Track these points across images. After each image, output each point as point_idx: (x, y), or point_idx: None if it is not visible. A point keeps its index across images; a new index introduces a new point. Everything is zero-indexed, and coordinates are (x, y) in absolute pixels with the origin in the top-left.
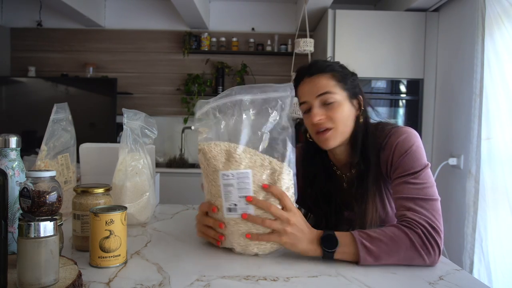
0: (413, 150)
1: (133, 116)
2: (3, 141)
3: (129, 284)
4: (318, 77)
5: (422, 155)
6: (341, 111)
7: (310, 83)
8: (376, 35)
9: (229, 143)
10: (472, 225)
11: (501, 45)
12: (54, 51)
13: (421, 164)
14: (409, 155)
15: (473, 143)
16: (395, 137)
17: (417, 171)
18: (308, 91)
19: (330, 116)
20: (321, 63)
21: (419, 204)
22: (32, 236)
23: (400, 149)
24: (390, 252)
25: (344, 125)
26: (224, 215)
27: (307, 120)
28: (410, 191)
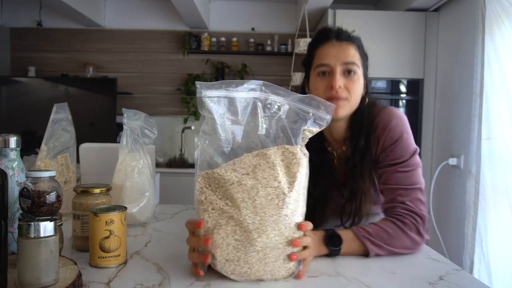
0: (404, 138)
1: (133, 116)
2: (3, 141)
3: (129, 284)
4: (347, 45)
5: (411, 142)
6: (358, 85)
7: (339, 47)
8: (376, 35)
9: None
10: (472, 225)
11: (501, 45)
12: (54, 51)
13: (410, 152)
14: (400, 143)
15: (473, 143)
16: (385, 122)
17: (406, 159)
18: (335, 55)
19: (348, 87)
20: (349, 32)
21: (407, 194)
22: (32, 236)
23: (392, 136)
24: (390, 242)
25: (356, 100)
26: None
27: (321, 83)
28: (398, 180)
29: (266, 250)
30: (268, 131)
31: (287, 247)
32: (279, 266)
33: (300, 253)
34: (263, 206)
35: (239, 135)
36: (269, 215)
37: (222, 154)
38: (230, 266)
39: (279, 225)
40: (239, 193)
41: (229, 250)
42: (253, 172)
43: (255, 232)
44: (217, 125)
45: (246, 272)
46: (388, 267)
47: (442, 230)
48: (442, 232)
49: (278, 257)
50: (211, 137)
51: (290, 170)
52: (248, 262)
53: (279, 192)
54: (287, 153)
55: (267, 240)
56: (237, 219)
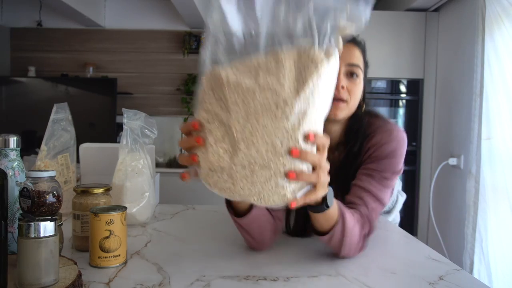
0: (396, 156)
1: (133, 116)
2: (3, 141)
3: (129, 284)
4: (353, 46)
5: (400, 163)
6: (359, 89)
7: (344, 47)
8: (376, 35)
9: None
10: (472, 225)
11: (501, 45)
12: (54, 51)
13: (394, 171)
14: (389, 160)
15: (473, 143)
16: (384, 139)
17: (387, 176)
18: (340, 55)
19: (350, 90)
20: (354, 36)
21: (373, 203)
22: (32, 236)
23: (386, 151)
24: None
25: (355, 104)
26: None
27: None
28: (372, 187)
29: (254, 167)
30: (289, 28)
31: (281, 168)
32: (270, 189)
33: (304, 174)
34: (257, 112)
35: (254, 31)
36: (262, 125)
37: (231, 53)
38: (213, 177)
39: (273, 139)
40: (233, 94)
41: (214, 159)
42: (255, 71)
43: (242, 142)
44: (225, 11)
45: (229, 188)
46: (388, 267)
47: (442, 230)
48: (442, 232)
49: (268, 179)
50: (219, 30)
51: (301, 75)
52: (232, 176)
53: (279, 99)
54: (304, 54)
55: (256, 155)
56: (226, 124)
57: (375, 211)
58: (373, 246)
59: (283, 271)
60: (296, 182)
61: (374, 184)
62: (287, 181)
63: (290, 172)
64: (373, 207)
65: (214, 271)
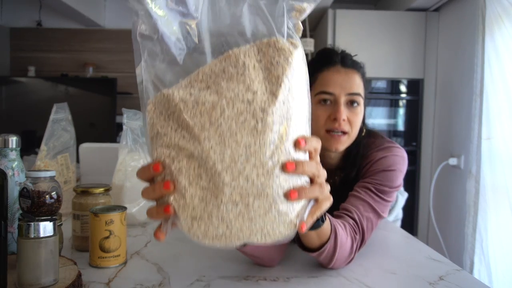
0: (396, 170)
1: (133, 116)
2: (3, 141)
3: (129, 284)
4: (353, 73)
5: (398, 178)
6: (360, 118)
7: (344, 75)
8: (376, 35)
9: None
10: (473, 225)
11: (501, 45)
12: (54, 51)
13: (392, 186)
14: (387, 173)
15: (473, 143)
16: (382, 153)
17: (385, 189)
18: (340, 83)
19: (351, 120)
20: (353, 58)
21: (368, 214)
22: (31, 236)
23: (382, 164)
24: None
25: (356, 133)
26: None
27: (322, 112)
28: (369, 197)
29: (248, 200)
30: (237, 21)
31: (279, 191)
32: (273, 220)
33: (306, 189)
34: (232, 132)
35: (194, 33)
36: (244, 145)
37: (173, 65)
38: (201, 226)
39: (262, 158)
40: (196, 118)
41: (195, 203)
42: (215, 84)
43: (225, 173)
44: (154, 19)
45: (224, 234)
46: (388, 267)
47: (442, 230)
48: (442, 232)
49: (268, 209)
50: (153, 42)
51: (271, 73)
52: (224, 219)
53: (255, 108)
54: (265, 48)
55: (246, 185)
56: (198, 157)
57: (370, 221)
58: (373, 246)
59: (283, 271)
60: (299, 202)
61: (371, 195)
62: (290, 204)
63: (291, 192)
64: (367, 217)
65: (214, 271)
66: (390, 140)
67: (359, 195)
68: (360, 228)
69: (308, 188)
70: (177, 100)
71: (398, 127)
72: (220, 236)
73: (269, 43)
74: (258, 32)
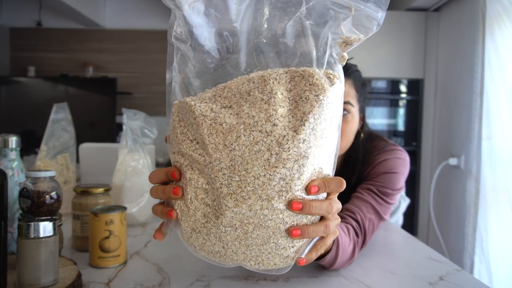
0: (398, 172)
1: (133, 116)
2: (3, 141)
3: (129, 284)
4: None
5: (400, 180)
6: (351, 125)
7: None
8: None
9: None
10: (473, 225)
11: (501, 45)
12: (54, 51)
13: (394, 188)
14: (389, 175)
15: (473, 143)
16: (383, 155)
17: (387, 192)
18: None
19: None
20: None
21: (370, 216)
22: (31, 236)
23: (383, 166)
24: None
25: (349, 140)
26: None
27: None
28: (371, 199)
29: (248, 228)
30: (276, 40)
31: (281, 226)
32: (269, 252)
33: (310, 229)
34: (244, 159)
35: (230, 43)
36: (253, 176)
37: (204, 72)
38: (198, 239)
39: (269, 192)
40: (211, 136)
41: (197, 217)
42: (237, 106)
43: (229, 198)
44: (190, 24)
45: (219, 252)
46: (388, 267)
47: (443, 230)
48: (442, 232)
49: (267, 240)
50: (187, 46)
51: (298, 108)
52: (221, 239)
53: (272, 141)
54: (298, 78)
55: (248, 213)
56: (207, 175)
57: (372, 222)
58: (373, 246)
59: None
60: (301, 240)
61: (373, 196)
62: (290, 240)
63: (293, 230)
64: (370, 218)
65: (214, 271)
66: (393, 143)
67: (362, 196)
68: (362, 229)
69: (312, 227)
70: (198, 113)
71: (398, 127)
72: (216, 252)
73: (303, 74)
74: (296, 55)
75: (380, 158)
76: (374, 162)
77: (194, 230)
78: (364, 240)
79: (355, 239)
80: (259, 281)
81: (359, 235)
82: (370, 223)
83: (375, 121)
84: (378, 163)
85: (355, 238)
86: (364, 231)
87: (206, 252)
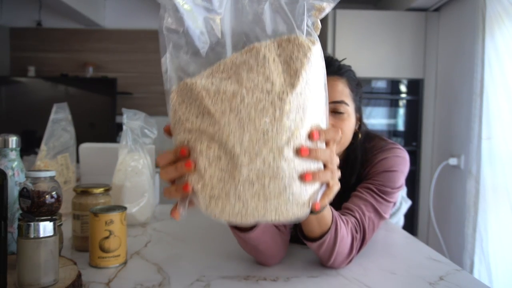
0: (397, 171)
1: (133, 116)
2: (3, 141)
3: (129, 284)
4: (336, 80)
5: (400, 179)
6: (348, 124)
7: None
8: (376, 35)
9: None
10: (473, 225)
11: (501, 45)
12: (54, 51)
13: (394, 186)
14: (388, 173)
15: (473, 143)
16: (382, 154)
17: (387, 190)
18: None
19: (337, 127)
20: (338, 63)
21: (370, 214)
22: (31, 236)
23: (383, 165)
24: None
25: (347, 139)
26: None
27: None
28: (371, 198)
29: (264, 181)
30: (258, 19)
31: (294, 174)
32: (287, 201)
33: (320, 173)
34: (252, 118)
35: (217, 28)
36: (262, 131)
37: (197, 57)
38: (218, 204)
39: (279, 143)
40: (217, 105)
41: (213, 183)
42: (236, 74)
43: (243, 156)
44: (180, 14)
45: (240, 213)
46: (388, 267)
47: (442, 230)
48: (442, 232)
49: (283, 190)
50: (178, 35)
51: (290, 67)
52: (240, 198)
53: (274, 97)
54: (285, 44)
55: (263, 167)
56: (218, 140)
57: (371, 221)
58: (373, 246)
59: (283, 271)
60: (312, 185)
61: (373, 195)
62: (303, 186)
63: (306, 175)
64: (369, 217)
65: (214, 271)
66: (392, 142)
67: (361, 195)
68: (361, 227)
69: (321, 173)
70: (200, 88)
71: (398, 127)
72: (236, 214)
73: (289, 39)
74: (278, 29)
75: (379, 157)
76: (373, 162)
77: (213, 197)
78: (364, 238)
79: (354, 234)
80: (259, 281)
81: (358, 232)
82: (370, 222)
83: (375, 121)
84: (377, 162)
85: (354, 233)
86: (363, 229)
87: (227, 215)
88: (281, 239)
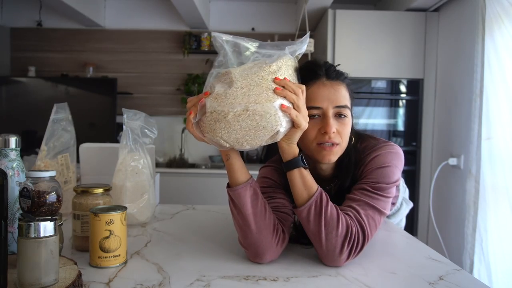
0: (391, 166)
1: (133, 116)
2: (3, 141)
3: (129, 284)
4: (338, 85)
5: (395, 174)
6: (348, 128)
7: (330, 88)
8: (376, 35)
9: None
10: (472, 225)
11: (501, 45)
12: (54, 51)
13: (389, 182)
14: (382, 170)
15: (473, 143)
16: (375, 152)
17: (382, 186)
18: (327, 97)
19: (340, 131)
20: (337, 69)
21: (366, 212)
22: (32, 236)
23: (376, 162)
24: (325, 225)
25: (346, 142)
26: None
27: (312, 126)
28: (366, 197)
29: (250, 87)
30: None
31: (270, 83)
32: (264, 98)
33: (287, 88)
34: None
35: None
36: (255, 73)
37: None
38: (217, 99)
39: (264, 85)
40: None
41: (219, 92)
42: (249, 68)
43: (239, 79)
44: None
45: (232, 103)
46: (388, 267)
47: (442, 230)
48: (442, 232)
49: (261, 92)
50: (220, 68)
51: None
52: (232, 94)
53: (264, 64)
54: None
55: (250, 82)
56: (228, 83)
57: (370, 217)
58: (373, 246)
59: (283, 271)
60: (283, 99)
61: (367, 194)
62: (276, 99)
63: (276, 88)
64: (366, 213)
65: (214, 271)
66: (383, 140)
67: (354, 196)
68: (357, 222)
69: (289, 92)
70: (233, 70)
71: (398, 127)
72: (229, 104)
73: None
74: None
75: (371, 156)
76: (366, 161)
77: (216, 98)
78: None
79: (349, 221)
80: (259, 281)
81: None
82: (369, 218)
83: (375, 121)
84: (370, 160)
85: (349, 221)
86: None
87: (220, 104)
88: (273, 227)
